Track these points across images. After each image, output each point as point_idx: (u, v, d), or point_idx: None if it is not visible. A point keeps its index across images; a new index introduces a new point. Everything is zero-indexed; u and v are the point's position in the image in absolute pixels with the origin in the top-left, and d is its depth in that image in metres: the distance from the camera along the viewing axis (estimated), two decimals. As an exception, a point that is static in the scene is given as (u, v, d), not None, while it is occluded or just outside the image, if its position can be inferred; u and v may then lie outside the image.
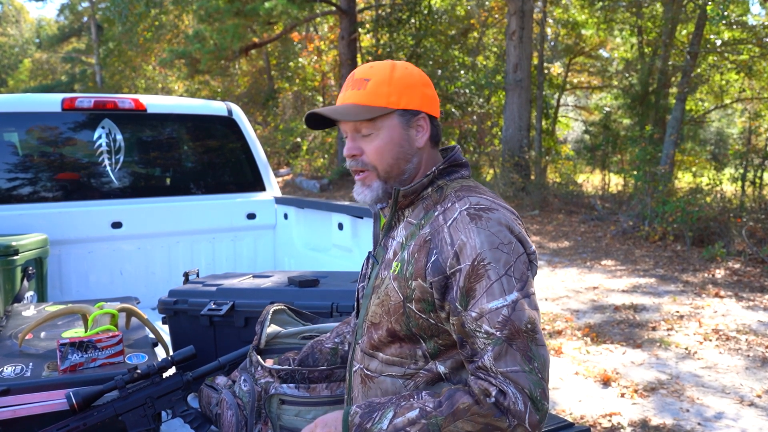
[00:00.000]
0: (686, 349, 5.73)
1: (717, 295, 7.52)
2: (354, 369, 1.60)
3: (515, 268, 1.35)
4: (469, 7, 20.78)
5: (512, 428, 1.29)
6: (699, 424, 4.28)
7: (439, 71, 18.90)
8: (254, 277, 2.93)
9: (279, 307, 2.35)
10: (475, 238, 1.35)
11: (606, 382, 4.99)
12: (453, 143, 16.33)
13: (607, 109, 20.32)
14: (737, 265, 8.86)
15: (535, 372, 1.31)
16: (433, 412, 1.32)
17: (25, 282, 3.27)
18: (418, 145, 1.51)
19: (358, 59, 20.42)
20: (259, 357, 2.09)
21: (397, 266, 1.46)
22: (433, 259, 1.39)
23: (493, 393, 1.29)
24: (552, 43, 22.24)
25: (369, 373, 1.53)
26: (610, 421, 4.33)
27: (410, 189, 1.49)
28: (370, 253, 1.68)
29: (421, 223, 1.46)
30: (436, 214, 1.44)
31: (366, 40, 21.86)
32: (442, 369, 1.44)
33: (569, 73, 21.68)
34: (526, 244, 1.42)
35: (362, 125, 1.49)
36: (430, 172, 1.50)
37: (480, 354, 1.33)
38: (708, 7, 12.28)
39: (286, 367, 1.97)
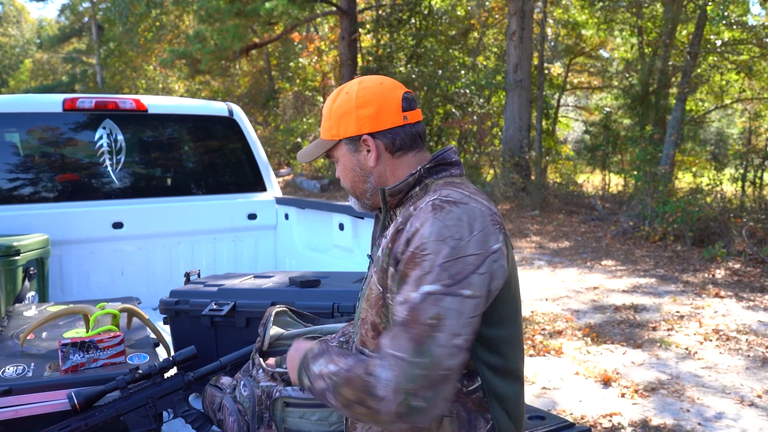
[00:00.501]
0: (686, 349, 5.74)
1: (717, 295, 7.53)
2: None
3: (454, 264, 1.32)
4: (469, 8, 20.78)
5: (375, 412, 1.30)
6: (699, 424, 4.28)
7: (440, 71, 18.90)
8: (255, 277, 2.94)
9: (280, 308, 2.35)
10: (426, 227, 1.36)
11: (606, 383, 4.99)
12: (453, 143, 16.40)
13: (608, 109, 20.33)
14: (737, 266, 8.86)
15: (417, 367, 1.28)
16: (340, 372, 1.36)
17: (27, 282, 3.27)
18: (370, 165, 1.58)
19: (359, 59, 20.43)
20: (261, 360, 2.09)
21: (378, 260, 1.51)
22: (396, 245, 1.43)
23: (375, 372, 1.30)
24: (552, 44, 22.24)
25: None
26: (610, 421, 4.33)
27: (395, 188, 1.54)
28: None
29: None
30: (412, 207, 1.48)
31: (366, 40, 21.86)
32: None
33: (569, 74, 21.68)
34: (486, 244, 1.38)
35: (329, 155, 1.64)
36: (416, 171, 1.53)
37: (384, 333, 1.38)
38: (708, 8, 12.29)
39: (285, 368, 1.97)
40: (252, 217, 4.34)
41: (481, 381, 1.44)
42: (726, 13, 12.28)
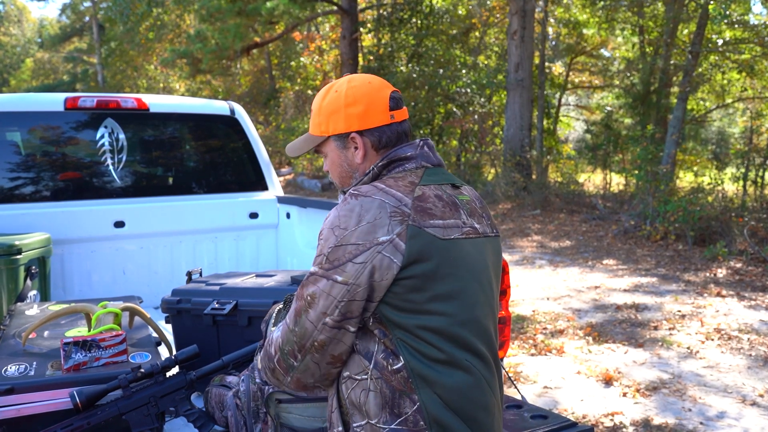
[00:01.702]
0: (688, 348, 5.73)
1: (719, 294, 7.52)
2: None
3: (334, 251, 1.46)
4: (470, 7, 20.78)
5: (270, 369, 1.58)
6: (701, 423, 4.28)
7: (441, 71, 18.89)
8: (257, 276, 2.93)
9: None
10: (330, 216, 1.51)
11: (608, 382, 4.99)
12: (454, 143, 16.33)
13: (609, 108, 20.33)
14: (739, 265, 8.85)
15: (293, 334, 1.51)
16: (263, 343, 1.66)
17: (28, 281, 3.27)
18: (357, 161, 1.65)
19: (360, 59, 20.42)
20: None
21: None
22: None
23: (269, 336, 1.61)
24: (553, 43, 22.24)
25: None
26: (612, 420, 4.33)
27: (353, 187, 1.60)
28: None
29: None
30: None
31: (367, 39, 21.86)
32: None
33: (570, 73, 21.68)
34: (372, 235, 1.44)
35: (318, 150, 1.71)
36: (369, 171, 1.61)
37: None
38: (710, 7, 12.28)
39: None
40: (253, 216, 4.34)
41: (404, 361, 1.46)
42: (727, 12, 12.28)
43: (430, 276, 1.46)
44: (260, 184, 4.42)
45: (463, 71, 19.15)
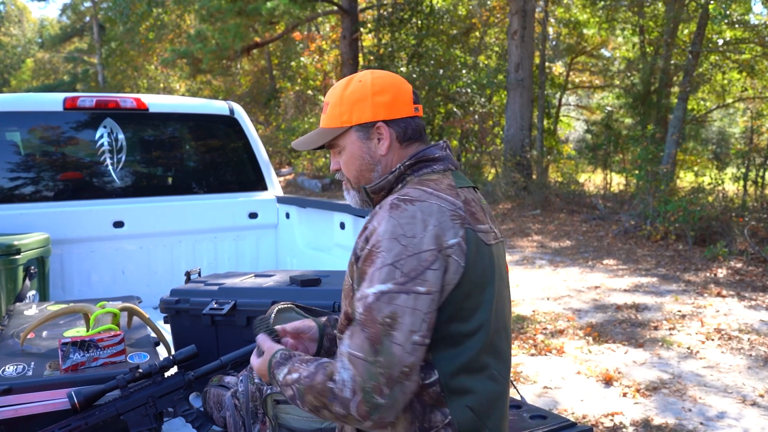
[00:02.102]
0: (688, 348, 5.73)
1: (719, 294, 7.51)
2: None
3: (406, 262, 1.35)
4: (470, 7, 20.78)
5: (341, 414, 1.35)
6: (701, 423, 4.28)
7: (441, 71, 18.89)
8: (256, 276, 2.93)
9: (285, 305, 2.34)
10: (382, 225, 1.39)
11: (608, 382, 4.98)
12: (455, 143, 16.34)
13: (609, 108, 20.33)
14: (739, 265, 8.85)
15: (377, 365, 1.31)
16: (303, 379, 1.40)
17: (27, 281, 3.27)
18: (381, 153, 1.58)
19: (360, 59, 20.42)
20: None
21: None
22: (358, 241, 1.48)
23: (335, 377, 1.34)
24: (554, 43, 22.23)
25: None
26: (612, 420, 4.32)
27: (376, 187, 1.57)
28: None
29: None
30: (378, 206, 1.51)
31: (368, 39, 21.85)
32: None
33: (571, 73, 21.67)
34: (441, 240, 1.39)
35: (333, 145, 1.62)
36: (395, 169, 1.55)
37: (345, 332, 1.41)
38: (710, 6, 12.28)
39: None
40: (253, 216, 4.34)
41: (439, 375, 1.42)
42: (728, 12, 12.27)
43: (478, 282, 1.44)
44: (260, 184, 4.42)
45: (464, 71, 19.15)
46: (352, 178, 1.62)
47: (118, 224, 3.92)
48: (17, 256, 3.16)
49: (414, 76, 18.54)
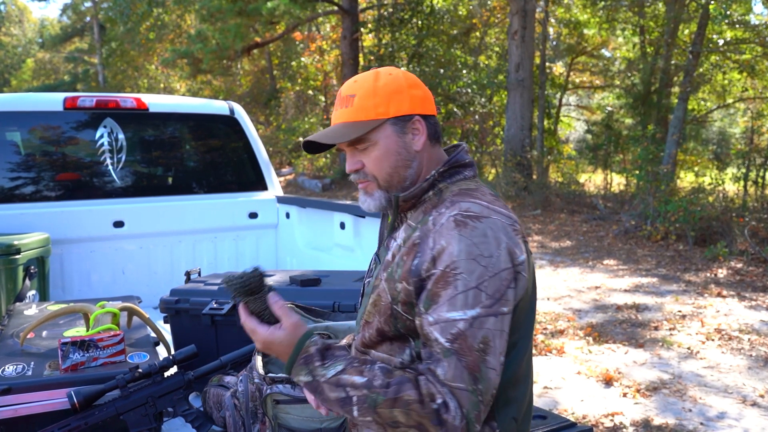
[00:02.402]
0: (688, 348, 5.72)
1: (719, 294, 7.51)
2: None
3: (489, 283, 1.31)
4: (471, 7, 20.78)
5: None
6: (701, 423, 4.27)
7: (441, 71, 18.89)
8: (256, 276, 2.92)
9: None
10: (454, 245, 1.33)
11: (608, 382, 4.98)
12: (455, 143, 16.50)
13: (609, 108, 20.33)
14: (740, 265, 8.84)
15: (477, 394, 1.29)
16: (378, 388, 1.30)
17: (27, 281, 3.27)
18: (416, 149, 1.50)
19: (360, 59, 20.42)
20: (259, 358, 2.09)
21: (390, 268, 1.45)
22: (415, 262, 1.37)
23: (438, 401, 1.27)
24: (554, 43, 22.24)
25: None
26: (612, 420, 4.32)
27: (409, 195, 1.48)
28: (377, 250, 1.67)
29: (417, 227, 1.43)
30: (430, 218, 1.42)
31: (368, 39, 21.85)
32: None
33: (571, 73, 21.67)
34: (514, 256, 1.37)
35: (362, 139, 1.48)
36: (430, 176, 1.47)
37: (433, 359, 1.32)
38: (711, 7, 12.27)
39: (281, 375, 1.97)
40: (253, 216, 4.34)
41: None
42: (728, 12, 12.27)
43: (531, 293, 1.44)
44: (260, 184, 4.42)
45: (464, 71, 19.16)
46: (382, 176, 1.49)
47: (118, 224, 3.92)
48: (17, 256, 3.16)
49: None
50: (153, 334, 2.55)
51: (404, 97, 1.48)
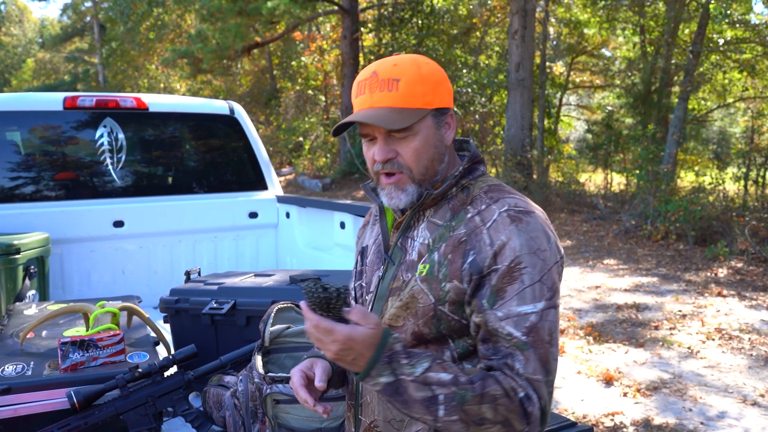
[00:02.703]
0: (689, 348, 5.72)
1: (720, 294, 7.51)
2: None
3: (548, 276, 1.33)
4: (471, 7, 20.77)
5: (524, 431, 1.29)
6: (702, 423, 4.27)
7: (442, 70, 18.84)
8: (256, 275, 2.93)
9: (285, 305, 2.34)
10: (515, 240, 1.33)
11: (608, 382, 4.98)
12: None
13: (610, 108, 20.31)
14: (740, 264, 8.84)
15: (549, 384, 1.31)
16: (465, 385, 1.27)
17: (27, 281, 3.27)
18: (447, 143, 1.46)
19: (360, 59, 20.42)
20: (258, 358, 2.08)
21: (424, 268, 1.40)
22: (470, 259, 1.35)
23: (521, 394, 1.28)
24: (554, 43, 22.23)
25: None
26: (612, 420, 4.32)
27: (440, 192, 1.43)
28: (364, 249, 1.60)
29: (452, 225, 1.40)
30: (469, 216, 1.39)
31: (368, 39, 21.86)
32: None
33: (571, 73, 21.65)
34: (559, 249, 1.39)
35: (396, 130, 1.40)
36: (456, 173, 1.44)
37: (504, 354, 1.31)
38: (711, 6, 12.26)
39: (280, 374, 1.97)
40: (253, 215, 4.33)
41: None
42: (728, 12, 12.26)
43: None
44: (260, 184, 4.42)
45: (464, 71, 19.14)
46: (419, 169, 1.42)
47: (118, 224, 3.91)
48: (17, 256, 3.16)
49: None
50: (153, 334, 2.55)
51: (445, 89, 1.44)
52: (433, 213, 1.45)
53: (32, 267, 3.33)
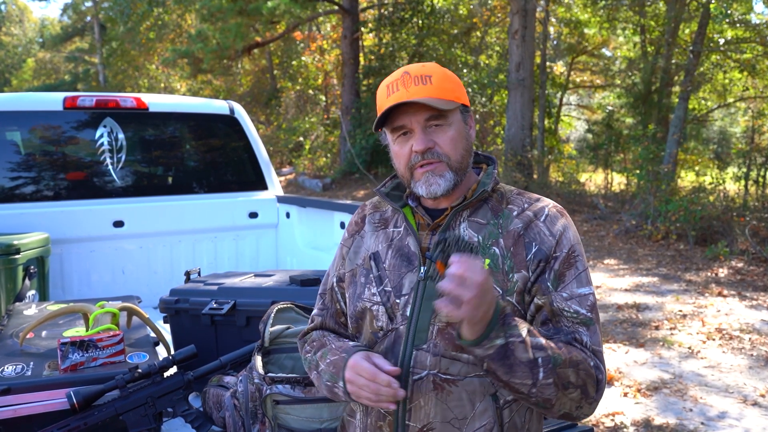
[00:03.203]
0: (689, 348, 5.72)
1: (720, 294, 7.50)
2: (416, 377, 1.46)
3: (587, 263, 1.53)
4: (471, 6, 20.76)
5: (593, 398, 1.42)
6: (702, 423, 4.27)
7: (442, 70, 18.83)
8: (256, 276, 2.93)
9: (285, 305, 2.34)
10: (569, 231, 1.51)
11: (609, 382, 4.97)
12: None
13: (610, 108, 20.30)
14: (740, 264, 8.83)
15: (603, 354, 1.47)
16: (556, 348, 1.37)
17: (27, 281, 3.27)
18: (472, 140, 1.58)
19: (361, 58, 20.41)
20: (258, 358, 2.08)
21: (486, 262, 1.47)
22: (534, 249, 1.47)
23: (591, 362, 1.41)
24: (555, 42, 22.21)
25: (449, 377, 1.45)
26: (613, 420, 4.31)
27: (489, 191, 1.54)
28: (375, 255, 1.59)
29: (499, 223, 1.51)
30: (516, 213, 1.52)
31: (368, 39, 21.84)
32: None
33: (572, 72, 21.65)
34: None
35: (434, 119, 1.49)
36: (495, 175, 1.57)
37: (568, 332, 1.44)
38: (711, 6, 12.26)
39: (280, 375, 1.96)
40: (253, 215, 4.33)
41: None
42: (729, 12, 12.25)
43: None
44: (260, 184, 4.42)
45: (465, 71, 19.13)
46: (456, 157, 1.51)
47: (118, 224, 3.91)
48: (17, 256, 3.16)
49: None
50: (153, 334, 2.55)
51: (464, 90, 1.57)
52: (470, 213, 1.54)
53: (32, 267, 3.33)
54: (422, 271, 1.50)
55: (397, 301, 1.51)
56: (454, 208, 1.53)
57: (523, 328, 1.36)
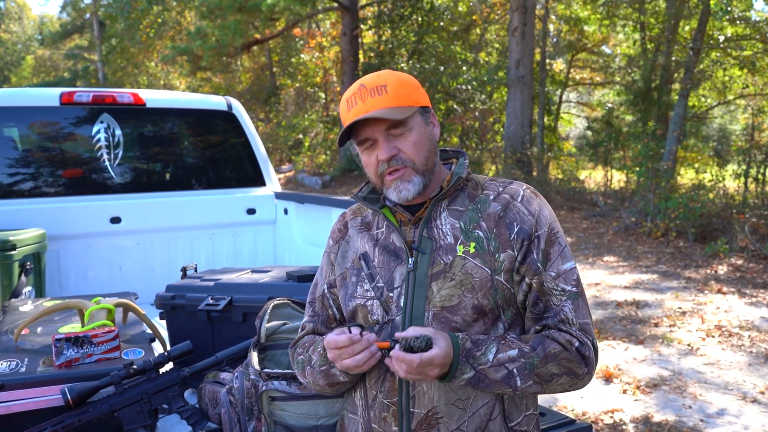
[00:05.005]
0: (688, 345, 5.71)
1: (719, 291, 7.49)
2: None
3: (565, 239, 1.59)
4: (471, 4, 20.73)
5: (584, 375, 1.50)
6: (701, 420, 4.26)
7: (441, 68, 18.85)
8: (253, 272, 2.91)
9: (281, 301, 2.32)
10: (545, 210, 1.57)
11: (608, 379, 4.96)
12: (455, 140, 16.28)
13: (610, 105, 20.27)
14: (740, 262, 8.83)
15: (592, 325, 1.54)
16: (530, 353, 1.45)
17: (23, 277, 3.25)
18: (436, 139, 1.61)
19: (360, 56, 20.40)
20: (254, 354, 2.07)
21: (471, 245, 1.53)
22: (516, 228, 1.53)
23: (575, 344, 1.48)
24: (554, 40, 22.19)
25: None
26: (612, 417, 4.31)
27: (462, 181, 1.60)
28: (365, 255, 1.62)
29: (478, 207, 1.57)
30: (493, 196, 1.58)
31: (368, 36, 21.83)
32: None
33: (571, 70, 21.63)
34: None
35: (394, 127, 1.54)
36: (467, 166, 1.63)
37: (556, 309, 1.51)
38: (711, 3, 12.24)
39: (277, 371, 1.95)
40: (251, 212, 4.32)
41: None
42: (729, 9, 12.23)
43: None
44: (258, 180, 4.40)
45: (464, 68, 19.12)
46: (420, 160, 1.55)
47: (115, 220, 3.90)
48: (13, 252, 3.15)
49: (414, 72, 18.50)
50: (149, 331, 2.53)
51: (423, 92, 1.61)
52: (449, 203, 1.60)
53: (28, 263, 3.31)
54: (410, 262, 1.56)
55: (391, 294, 1.56)
56: (432, 199, 1.58)
57: (491, 349, 1.45)
